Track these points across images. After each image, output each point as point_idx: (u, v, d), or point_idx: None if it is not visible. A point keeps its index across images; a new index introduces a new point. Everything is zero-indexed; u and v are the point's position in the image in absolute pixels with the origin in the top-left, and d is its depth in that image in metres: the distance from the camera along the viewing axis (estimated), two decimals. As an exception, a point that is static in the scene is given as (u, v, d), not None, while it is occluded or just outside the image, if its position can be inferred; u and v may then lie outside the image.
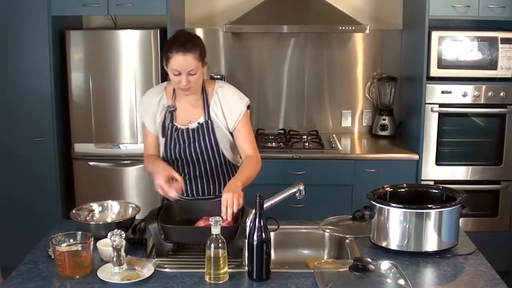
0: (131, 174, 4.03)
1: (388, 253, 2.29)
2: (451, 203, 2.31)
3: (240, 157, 2.74)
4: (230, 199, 2.33)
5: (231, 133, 2.68)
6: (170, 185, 2.46)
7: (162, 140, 2.68)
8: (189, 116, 2.65)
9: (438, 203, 2.36)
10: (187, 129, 2.64)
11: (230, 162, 2.73)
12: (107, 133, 3.99)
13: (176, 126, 2.64)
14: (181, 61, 2.48)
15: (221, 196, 2.47)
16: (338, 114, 4.47)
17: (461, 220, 2.39)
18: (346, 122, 4.47)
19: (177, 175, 2.50)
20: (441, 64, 3.84)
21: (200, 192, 2.74)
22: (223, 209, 2.33)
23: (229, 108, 2.65)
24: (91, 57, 3.92)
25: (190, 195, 2.73)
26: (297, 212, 3.29)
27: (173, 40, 2.56)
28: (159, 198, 2.91)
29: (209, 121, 2.64)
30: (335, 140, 4.17)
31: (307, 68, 4.40)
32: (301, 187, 2.38)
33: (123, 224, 2.45)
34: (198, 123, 2.64)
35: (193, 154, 2.65)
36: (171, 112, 2.64)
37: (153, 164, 2.64)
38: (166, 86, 2.71)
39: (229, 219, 2.33)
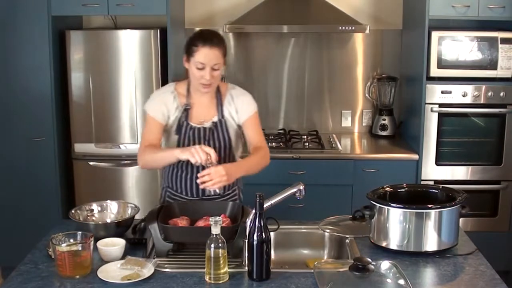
0: (131, 174, 4.03)
1: (388, 253, 2.29)
2: (451, 203, 2.31)
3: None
4: (216, 172, 2.39)
5: (241, 128, 2.71)
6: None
7: (174, 138, 2.67)
8: (203, 116, 2.67)
9: (438, 203, 2.36)
10: (202, 128, 2.65)
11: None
12: (107, 133, 3.99)
13: (191, 125, 2.65)
14: (207, 53, 2.50)
15: (224, 196, 2.64)
16: (338, 114, 4.47)
17: (461, 220, 2.39)
18: (346, 122, 4.47)
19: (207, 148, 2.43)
20: (441, 64, 3.84)
21: (206, 192, 2.71)
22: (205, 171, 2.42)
23: (242, 105, 2.69)
24: (91, 57, 3.92)
25: (195, 195, 2.71)
26: (297, 212, 3.28)
27: (199, 34, 2.58)
28: (158, 198, 2.91)
29: (223, 120, 2.66)
30: (335, 140, 4.17)
31: (307, 68, 4.40)
32: (301, 187, 2.38)
33: (123, 224, 2.45)
34: (212, 122, 2.66)
35: None
36: (186, 110, 2.65)
37: (161, 150, 2.62)
38: (176, 87, 2.70)
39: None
